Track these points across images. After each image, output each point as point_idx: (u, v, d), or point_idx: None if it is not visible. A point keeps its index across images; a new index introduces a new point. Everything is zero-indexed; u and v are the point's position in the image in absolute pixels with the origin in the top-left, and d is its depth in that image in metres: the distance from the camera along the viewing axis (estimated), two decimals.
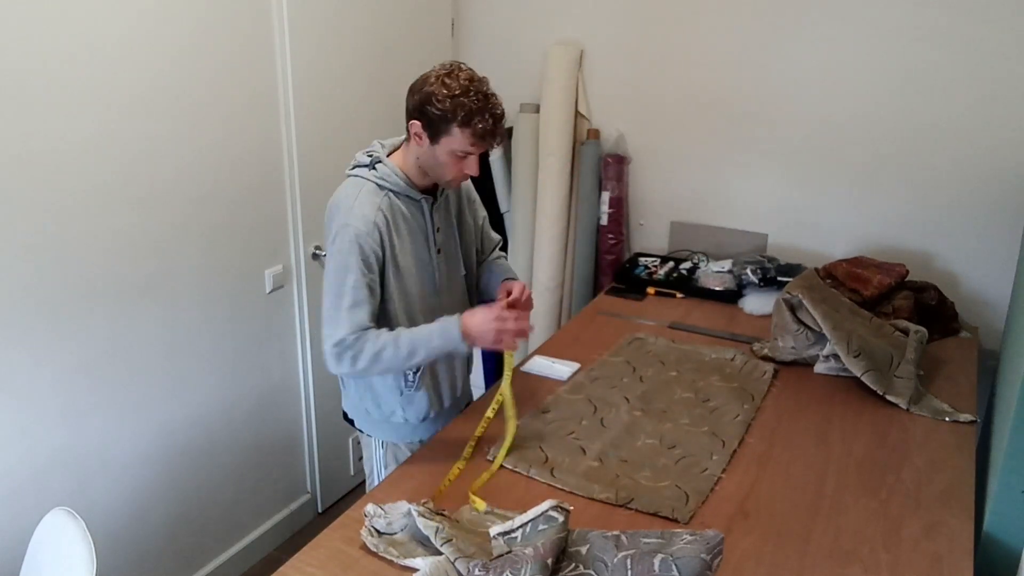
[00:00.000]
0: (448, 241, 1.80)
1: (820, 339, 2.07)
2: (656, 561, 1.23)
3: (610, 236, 2.97)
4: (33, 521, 1.54)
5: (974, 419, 1.85)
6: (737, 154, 2.79)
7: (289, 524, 2.71)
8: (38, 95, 1.72)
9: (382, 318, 1.69)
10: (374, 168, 1.67)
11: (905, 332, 2.10)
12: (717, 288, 2.61)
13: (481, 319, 1.59)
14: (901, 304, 2.28)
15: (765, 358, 2.14)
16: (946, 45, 2.39)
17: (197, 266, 2.18)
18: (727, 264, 2.72)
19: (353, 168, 1.70)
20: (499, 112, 1.59)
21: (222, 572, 2.45)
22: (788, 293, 2.11)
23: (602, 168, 2.94)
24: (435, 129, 1.58)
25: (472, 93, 1.55)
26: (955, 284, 2.55)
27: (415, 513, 1.37)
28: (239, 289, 2.33)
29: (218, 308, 2.27)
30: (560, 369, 2.06)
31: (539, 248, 3.02)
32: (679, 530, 1.39)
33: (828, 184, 2.67)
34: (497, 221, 3.23)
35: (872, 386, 1.93)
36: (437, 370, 1.81)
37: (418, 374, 1.77)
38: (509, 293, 1.75)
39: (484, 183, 3.15)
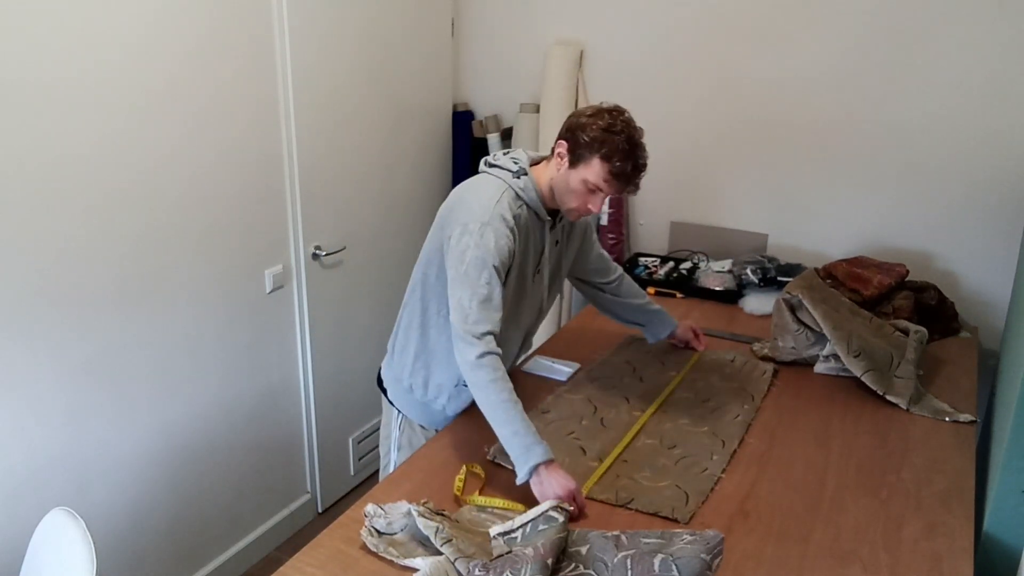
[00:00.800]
0: (550, 265, 1.85)
1: (820, 339, 2.07)
2: (656, 561, 1.23)
3: (610, 236, 2.97)
4: (33, 521, 1.54)
5: (974, 419, 1.85)
6: (737, 154, 2.79)
7: (289, 524, 2.71)
8: (39, 99, 1.72)
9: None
10: (518, 177, 1.71)
11: (905, 332, 2.10)
12: (717, 288, 2.61)
13: (560, 485, 1.46)
14: (901, 304, 2.28)
15: (765, 358, 2.14)
16: (946, 45, 2.39)
17: (197, 266, 2.18)
18: (727, 264, 2.72)
19: (492, 167, 1.74)
20: (642, 162, 1.65)
21: (222, 572, 2.45)
22: (788, 293, 2.11)
23: None
24: (577, 154, 1.64)
25: (623, 135, 1.62)
26: (955, 284, 2.55)
27: (415, 513, 1.37)
28: (239, 289, 2.33)
29: (218, 308, 2.27)
30: (560, 369, 2.07)
31: None
32: (679, 530, 1.40)
33: (828, 184, 2.67)
34: None
35: (872, 386, 1.94)
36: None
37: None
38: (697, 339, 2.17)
39: None
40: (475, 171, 1.81)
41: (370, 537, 1.38)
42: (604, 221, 2.96)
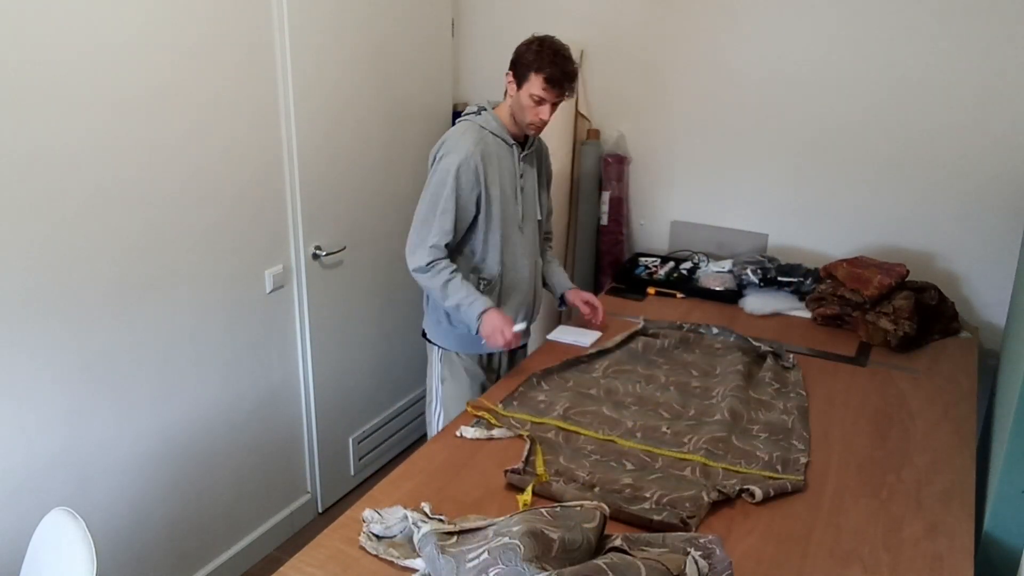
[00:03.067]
0: (529, 185, 2.16)
1: None
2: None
3: (610, 236, 2.97)
4: (33, 521, 1.54)
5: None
6: (737, 154, 2.79)
7: (289, 524, 2.71)
8: (38, 97, 1.72)
9: (472, 234, 2.08)
10: (479, 114, 2.08)
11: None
12: (717, 288, 2.61)
13: (494, 324, 1.98)
14: (901, 304, 2.28)
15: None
16: (947, 46, 2.39)
17: (197, 266, 2.18)
18: (727, 264, 2.72)
19: (463, 115, 2.11)
20: (570, 69, 1.98)
21: (222, 572, 2.45)
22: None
23: (602, 168, 2.94)
24: (519, 76, 2.00)
25: (550, 51, 1.96)
26: (955, 284, 2.55)
27: (411, 519, 1.38)
28: (239, 289, 2.33)
29: (218, 308, 2.27)
30: (583, 338, 2.27)
31: None
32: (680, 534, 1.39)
33: (829, 184, 2.67)
34: None
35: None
36: (508, 297, 2.17)
37: (486, 287, 2.12)
38: (587, 305, 2.28)
39: None
40: None
41: (369, 542, 1.38)
42: (604, 221, 2.96)
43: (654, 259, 2.87)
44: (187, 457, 2.26)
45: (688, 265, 2.79)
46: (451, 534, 1.32)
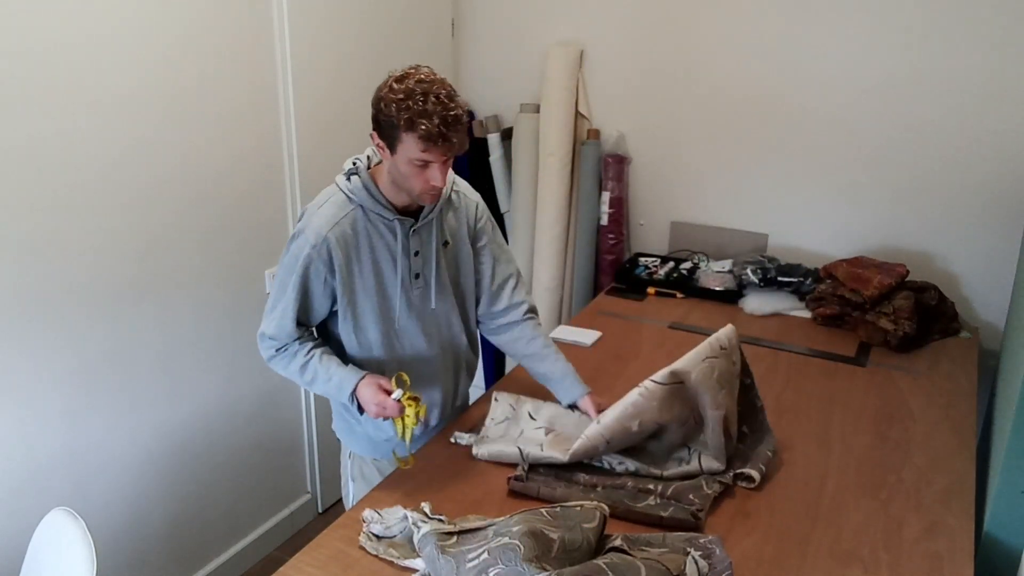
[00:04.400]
0: (434, 266, 1.66)
1: None
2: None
3: (610, 236, 2.97)
4: (33, 521, 1.54)
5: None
6: (738, 154, 2.79)
7: (289, 524, 2.71)
8: (37, 95, 1.72)
9: (330, 329, 1.68)
10: (348, 179, 1.59)
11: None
12: (717, 288, 2.61)
13: (370, 397, 1.54)
14: (901, 304, 2.28)
15: None
16: (947, 45, 2.39)
17: (197, 266, 2.18)
18: (727, 264, 2.72)
19: (340, 174, 1.63)
20: (450, 115, 1.44)
21: (222, 572, 2.45)
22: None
23: (602, 168, 2.94)
24: (389, 138, 1.49)
25: (418, 95, 1.43)
26: (955, 284, 2.55)
27: (411, 519, 1.38)
28: (239, 289, 2.33)
29: (218, 308, 2.27)
30: (584, 337, 2.21)
31: (539, 248, 3.02)
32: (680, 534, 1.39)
33: (829, 184, 2.67)
34: (497, 221, 3.22)
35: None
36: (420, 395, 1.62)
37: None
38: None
39: (484, 183, 3.16)
40: (475, 171, 1.82)
41: (369, 542, 1.38)
42: (604, 221, 2.96)
43: (654, 259, 2.87)
44: (187, 457, 2.26)
45: (688, 265, 2.79)
46: (451, 534, 1.32)
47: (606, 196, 2.93)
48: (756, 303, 2.51)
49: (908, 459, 1.70)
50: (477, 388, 3.66)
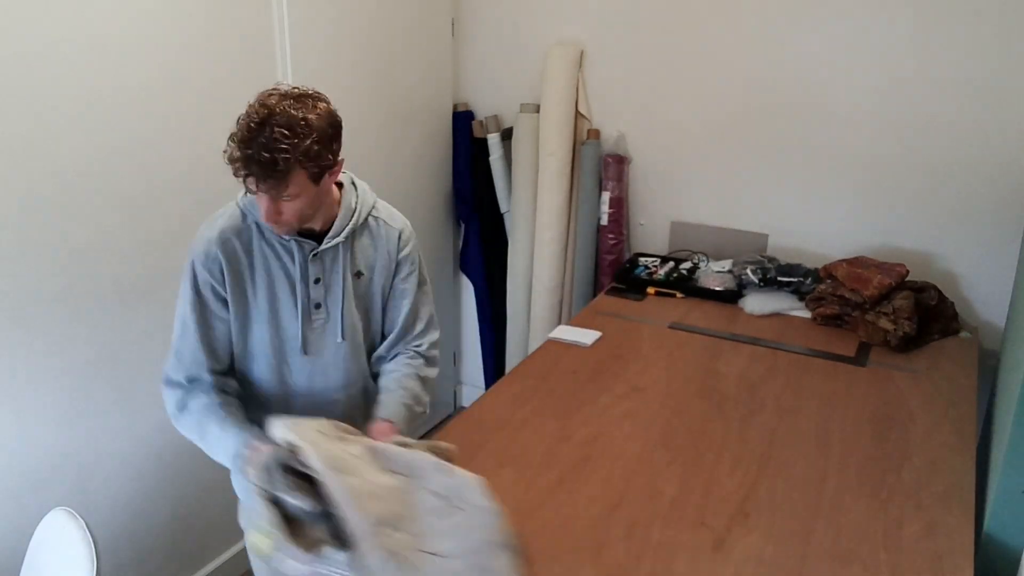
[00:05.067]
0: (339, 297, 1.51)
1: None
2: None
3: (610, 236, 2.97)
4: (33, 521, 1.54)
5: None
6: (738, 154, 2.79)
7: None
8: (39, 95, 1.72)
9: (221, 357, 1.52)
10: (247, 194, 1.45)
11: None
12: (717, 288, 2.61)
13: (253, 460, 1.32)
14: (901, 304, 2.28)
15: None
16: (948, 45, 2.39)
17: None
18: (727, 264, 2.72)
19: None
20: (263, 158, 1.30)
21: (222, 572, 2.45)
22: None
23: (602, 168, 2.94)
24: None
25: (239, 136, 1.35)
26: (955, 284, 2.55)
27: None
28: None
29: None
30: (583, 337, 2.22)
31: (539, 248, 3.02)
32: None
33: (829, 184, 2.67)
34: (497, 221, 3.23)
35: None
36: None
37: None
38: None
39: (484, 183, 3.16)
40: (475, 171, 1.81)
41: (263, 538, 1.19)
42: (604, 221, 2.96)
43: (654, 259, 2.87)
44: (188, 457, 2.26)
45: (688, 265, 2.79)
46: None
47: (606, 196, 2.93)
48: (756, 303, 2.51)
49: (908, 459, 1.70)
50: (477, 388, 3.67)
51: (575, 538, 1.43)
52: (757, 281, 2.56)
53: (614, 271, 2.93)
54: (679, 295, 2.64)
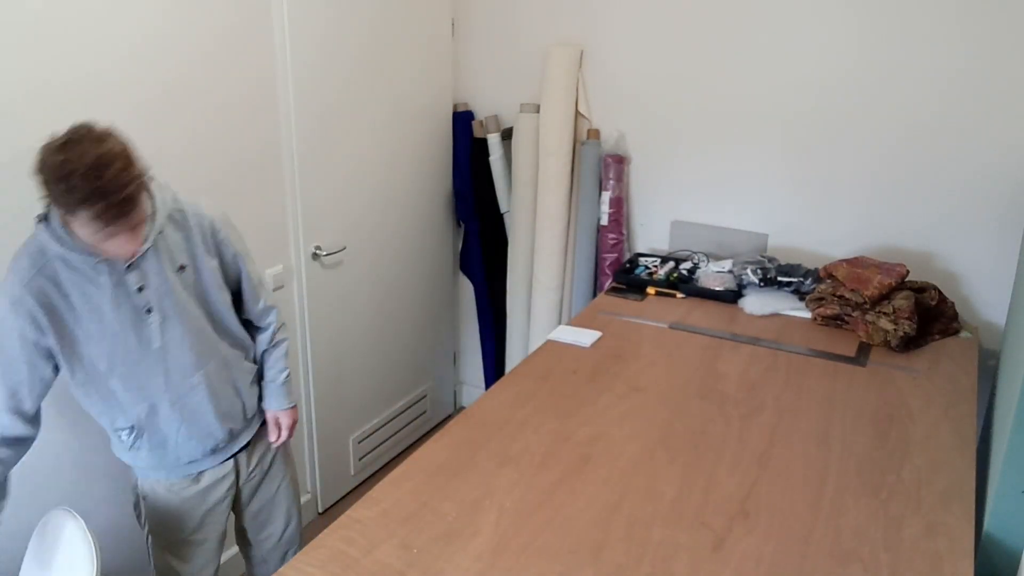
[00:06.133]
0: (167, 295, 1.59)
1: None
2: None
3: (611, 236, 2.97)
4: (33, 521, 1.54)
5: None
6: (738, 154, 2.79)
7: None
8: (41, 96, 1.72)
9: (74, 387, 1.61)
10: (41, 222, 1.47)
11: None
12: (717, 288, 2.61)
13: None
14: (901, 304, 2.28)
15: None
16: (947, 45, 2.39)
17: None
18: (727, 264, 2.72)
19: (38, 217, 1.51)
20: (117, 199, 1.35)
21: (222, 572, 2.45)
22: None
23: (602, 168, 2.94)
24: (62, 214, 1.41)
25: (80, 196, 1.34)
26: (955, 284, 2.55)
27: None
28: None
29: None
30: (583, 337, 2.24)
31: (539, 248, 3.02)
32: None
33: (829, 184, 2.67)
34: (497, 221, 3.23)
35: None
36: (178, 430, 1.69)
37: (134, 435, 1.68)
38: (275, 426, 1.89)
39: (484, 183, 3.16)
40: (475, 171, 1.81)
41: None
42: (604, 221, 2.96)
43: (654, 259, 2.88)
44: None
45: (688, 265, 2.79)
46: None
47: (606, 196, 2.93)
48: (756, 303, 2.51)
49: (908, 459, 1.70)
50: (477, 388, 3.67)
51: (575, 538, 1.43)
52: (757, 281, 2.57)
53: (614, 271, 2.93)
54: (679, 295, 2.64)
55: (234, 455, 1.83)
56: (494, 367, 3.39)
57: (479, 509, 1.50)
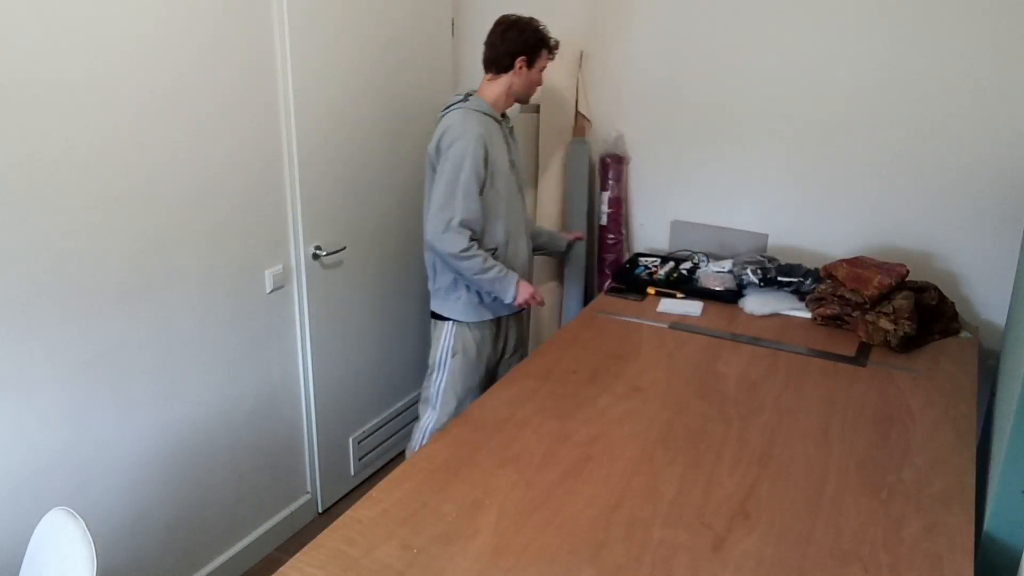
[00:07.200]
0: (517, 158, 2.41)
1: None
2: None
3: (610, 236, 2.97)
4: (33, 521, 1.54)
5: None
6: (738, 154, 2.79)
7: (289, 524, 2.71)
8: (43, 99, 1.72)
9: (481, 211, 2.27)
10: (467, 99, 2.30)
11: None
12: (717, 288, 2.61)
13: (527, 290, 2.34)
14: (901, 304, 2.28)
15: None
16: (947, 45, 2.39)
17: (197, 266, 2.18)
18: (727, 264, 2.72)
19: (450, 107, 2.31)
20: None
21: (222, 572, 2.45)
22: None
23: (601, 168, 2.94)
24: (532, 57, 2.32)
25: (540, 25, 2.31)
26: (955, 284, 2.55)
27: None
28: (239, 289, 2.33)
29: (218, 308, 2.27)
30: (690, 307, 2.51)
31: None
32: None
33: (828, 184, 2.67)
34: None
35: None
36: (512, 263, 2.40)
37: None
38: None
39: None
40: None
41: None
42: (604, 221, 2.96)
43: (654, 259, 2.87)
44: (187, 457, 2.26)
45: (688, 265, 2.79)
46: None
47: (605, 196, 2.93)
48: (756, 303, 2.51)
49: (908, 459, 1.70)
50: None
51: (575, 538, 1.43)
52: (757, 281, 2.57)
53: (615, 271, 2.93)
54: (679, 295, 2.64)
55: None
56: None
57: (479, 509, 1.50)
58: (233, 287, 2.31)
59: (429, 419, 2.51)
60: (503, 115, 2.38)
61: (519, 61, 2.29)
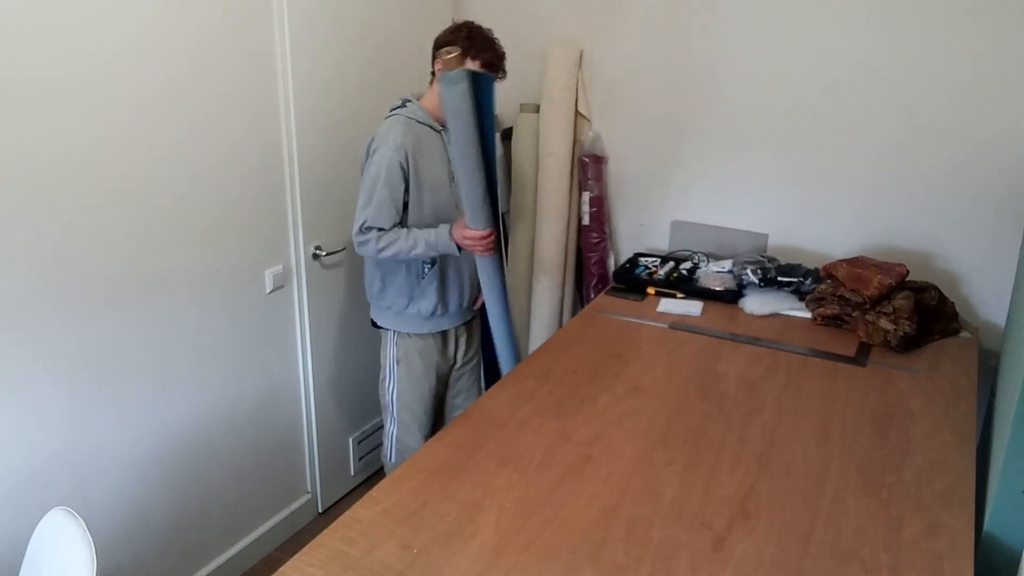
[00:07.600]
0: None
1: None
2: None
3: (593, 235, 2.98)
4: (33, 521, 1.54)
5: None
6: (738, 154, 2.79)
7: (289, 524, 2.71)
8: (40, 98, 1.72)
9: (407, 222, 2.20)
10: (404, 106, 2.21)
11: None
12: (717, 288, 2.61)
13: (465, 236, 2.12)
14: (901, 304, 2.28)
15: None
16: (946, 45, 2.39)
17: (197, 266, 2.18)
18: (727, 264, 2.72)
19: (390, 112, 2.22)
20: (501, 51, 2.25)
21: (222, 572, 2.45)
22: None
23: (581, 169, 2.95)
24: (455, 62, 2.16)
25: (478, 36, 2.17)
26: (955, 284, 2.55)
27: None
28: (239, 289, 2.33)
29: (218, 308, 2.27)
30: (690, 307, 2.49)
31: (539, 248, 3.02)
32: None
33: (829, 184, 2.67)
34: (497, 221, 3.22)
35: None
36: (447, 275, 2.32)
37: (431, 271, 2.28)
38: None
39: None
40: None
41: None
42: (586, 221, 2.96)
43: (654, 259, 2.87)
44: (187, 457, 2.26)
45: (688, 265, 2.79)
46: None
47: (586, 196, 2.94)
48: (756, 303, 2.51)
49: (908, 459, 1.70)
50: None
51: (575, 538, 1.43)
52: (757, 281, 2.57)
53: (600, 269, 2.94)
54: (679, 295, 2.64)
55: None
56: (494, 367, 3.39)
57: (479, 509, 1.50)
58: (233, 287, 2.31)
59: (391, 428, 2.45)
60: (444, 125, 2.21)
61: (435, 67, 2.21)
